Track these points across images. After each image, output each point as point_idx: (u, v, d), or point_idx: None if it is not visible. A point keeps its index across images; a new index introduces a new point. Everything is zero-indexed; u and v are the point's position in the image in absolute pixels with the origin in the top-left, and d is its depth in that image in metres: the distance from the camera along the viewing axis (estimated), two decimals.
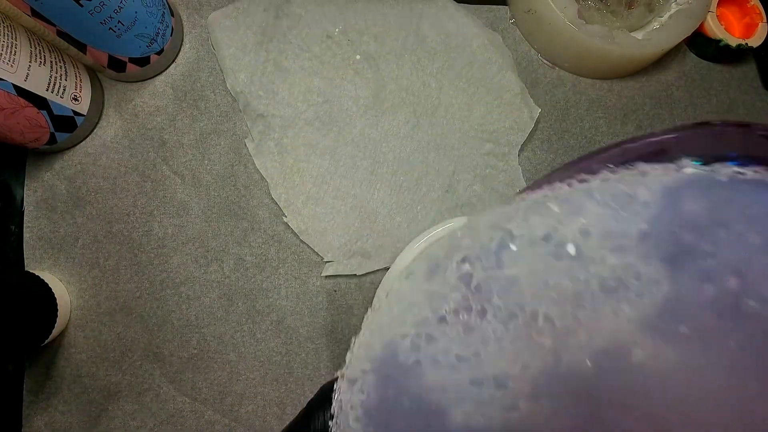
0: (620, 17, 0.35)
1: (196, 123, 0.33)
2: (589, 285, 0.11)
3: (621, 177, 0.11)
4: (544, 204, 0.12)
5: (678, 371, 0.10)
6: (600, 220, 0.11)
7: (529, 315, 0.11)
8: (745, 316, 0.10)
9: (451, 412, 0.12)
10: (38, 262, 0.31)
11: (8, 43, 0.25)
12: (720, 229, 0.10)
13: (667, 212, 0.11)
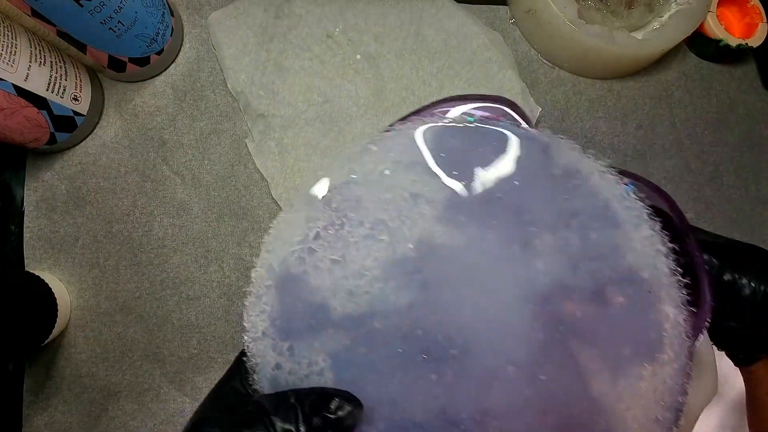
0: (620, 17, 0.35)
1: (196, 123, 0.33)
2: (403, 196, 0.17)
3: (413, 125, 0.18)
4: (368, 147, 0.18)
5: (466, 245, 0.17)
6: (402, 153, 0.17)
7: (372, 221, 0.17)
8: (497, 203, 0.17)
9: (330, 305, 0.16)
10: (38, 262, 0.31)
11: (8, 43, 0.25)
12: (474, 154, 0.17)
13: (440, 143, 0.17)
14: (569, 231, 0.17)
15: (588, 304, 0.16)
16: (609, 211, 0.17)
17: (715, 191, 0.37)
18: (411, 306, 0.16)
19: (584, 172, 0.18)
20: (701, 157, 0.38)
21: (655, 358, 0.16)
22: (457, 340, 0.16)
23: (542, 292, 0.16)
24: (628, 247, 0.17)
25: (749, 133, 0.39)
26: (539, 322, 0.16)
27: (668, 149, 0.37)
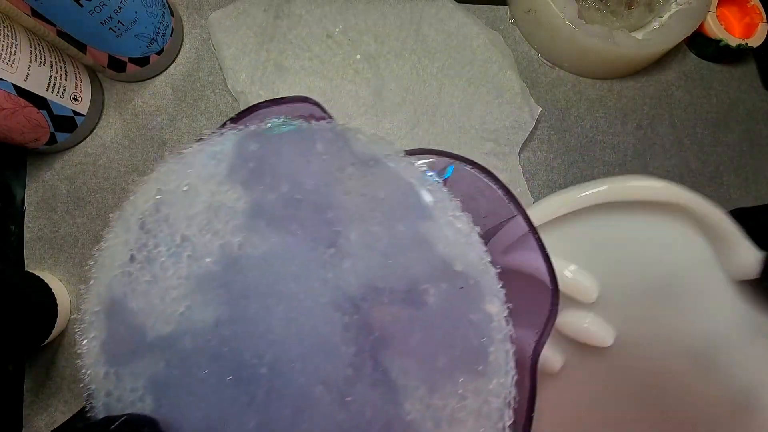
0: (620, 17, 0.35)
1: (196, 123, 0.33)
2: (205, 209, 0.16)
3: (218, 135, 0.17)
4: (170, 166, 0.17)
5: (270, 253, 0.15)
6: (202, 166, 0.17)
7: (179, 239, 0.16)
8: (299, 204, 0.16)
9: (146, 327, 0.16)
10: (38, 262, 0.31)
11: (8, 43, 0.25)
12: (271, 157, 0.16)
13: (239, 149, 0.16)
14: (375, 224, 0.15)
15: (400, 307, 0.15)
16: (411, 198, 0.16)
17: (715, 191, 0.37)
18: (217, 323, 0.15)
19: (381, 158, 0.16)
20: (701, 157, 0.38)
21: (475, 370, 0.14)
22: (266, 356, 0.15)
23: (352, 297, 0.15)
24: (438, 236, 0.15)
25: (749, 133, 0.39)
26: (350, 332, 0.14)
27: (668, 149, 0.37)
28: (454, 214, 0.16)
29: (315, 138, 0.17)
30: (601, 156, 0.36)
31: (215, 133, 0.17)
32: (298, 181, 0.16)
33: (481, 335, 0.14)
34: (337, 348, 0.14)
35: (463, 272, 0.15)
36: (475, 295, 0.15)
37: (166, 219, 0.16)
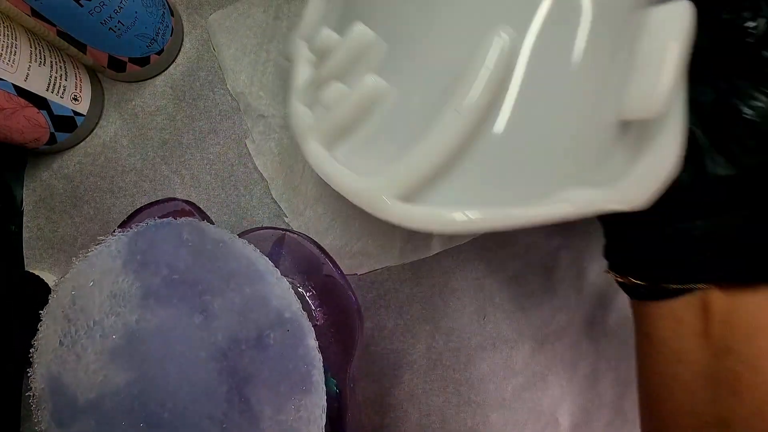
0: None
1: (195, 123, 0.33)
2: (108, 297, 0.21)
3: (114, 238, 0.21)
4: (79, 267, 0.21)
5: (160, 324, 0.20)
6: (104, 264, 0.21)
7: (92, 323, 0.20)
8: (176, 283, 0.20)
9: (77, 395, 0.20)
10: (38, 262, 0.31)
11: (8, 43, 0.25)
12: (152, 249, 0.21)
13: (129, 247, 0.21)
14: (231, 291, 0.21)
15: (253, 351, 0.20)
16: (252, 267, 0.21)
17: None
18: (127, 384, 0.20)
19: (226, 240, 0.22)
20: None
21: (303, 389, 0.20)
22: (167, 404, 0.19)
23: (221, 349, 0.20)
24: (271, 294, 0.21)
25: None
26: (222, 376, 0.19)
27: None
28: (278, 277, 0.21)
29: (181, 230, 0.22)
30: None
31: (113, 237, 0.22)
32: (174, 264, 0.21)
33: (306, 363, 0.20)
34: (215, 389, 0.19)
35: (290, 318, 0.20)
36: (300, 334, 0.20)
37: (82, 309, 0.21)
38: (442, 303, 0.33)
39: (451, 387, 0.32)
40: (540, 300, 0.33)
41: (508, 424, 0.32)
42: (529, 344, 0.33)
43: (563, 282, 0.34)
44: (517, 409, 0.32)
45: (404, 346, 0.32)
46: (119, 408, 0.20)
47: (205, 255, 0.21)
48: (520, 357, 0.33)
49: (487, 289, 0.29)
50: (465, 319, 0.33)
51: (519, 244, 0.34)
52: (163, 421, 0.19)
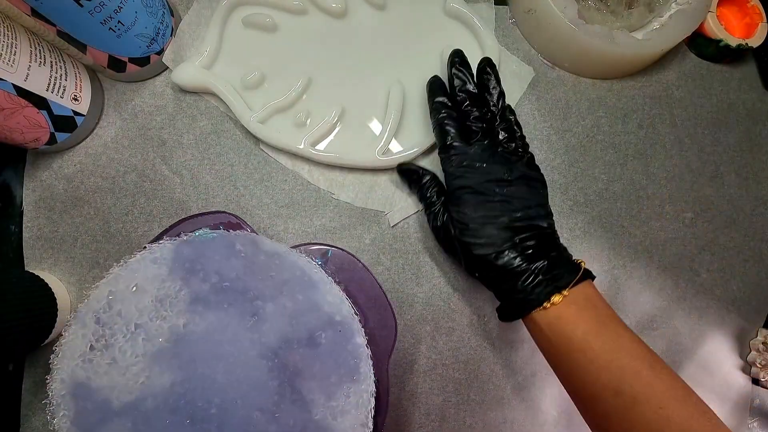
0: (620, 17, 0.35)
1: (195, 123, 0.33)
2: (152, 301, 0.22)
3: (156, 246, 0.23)
4: (118, 273, 0.23)
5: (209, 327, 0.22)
6: (147, 270, 0.23)
7: (132, 327, 0.22)
8: (226, 290, 0.23)
9: (111, 398, 0.21)
10: (38, 262, 0.31)
11: (8, 43, 0.25)
12: (201, 258, 0.23)
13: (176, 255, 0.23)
14: (283, 297, 0.23)
15: (305, 349, 0.22)
16: (306, 277, 0.23)
17: (715, 191, 0.37)
18: (173, 384, 0.21)
19: (282, 252, 0.24)
20: (701, 157, 0.37)
21: (353, 379, 0.22)
22: (215, 401, 0.21)
23: (272, 348, 0.22)
24: (324, 300, 0.23)
25: (749, 133, 0.39)
26: (273, 372, 0.22)
27: (669, 149, 0.37)
28: (331, 285, 0.24)
29: (234, 241, 0.23)
30: (602, 155, 0.36)
31: (156, 245, 0.23)
32: (224, 273, 0.23)
33: (355, 358, 0.23)
34: (266, 384, 0.21)
35: (341, 321, 0.23)
36: (348, 333, 0.23)
37: (120, 313, 0.22)
38: (443, 303, 0.33)
39: (451, 386, 0.32)
40: None
41: (507, 422, 0.32)
42: (528, 344, 0.33)
43: None
44: (515, 407, 0.32)
45: (405, 345, 0.32)
46: (162, 407, 0.21)
47: (257, 265, 0.23)
48: (520, 357, 0.33)
49: (487, 290, 0.29)
50: (465, 319, 0.33)
51: None
52: (211, 416, 0.21)
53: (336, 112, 0.33)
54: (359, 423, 0.22)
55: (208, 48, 0.32)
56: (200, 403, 0.21)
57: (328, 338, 0.22)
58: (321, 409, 0.22)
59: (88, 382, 0.21)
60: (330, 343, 0.22)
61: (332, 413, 0.22)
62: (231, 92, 0.32)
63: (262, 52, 0.33)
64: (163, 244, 0.23)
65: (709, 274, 0.36)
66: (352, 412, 0.22)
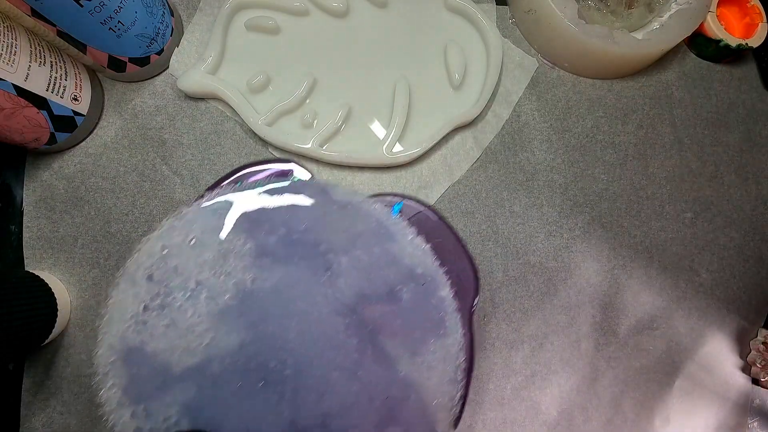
0: (620, 17, 0.35)
1: (196, 123, 0.33)
2: (214, 256, 0.20)
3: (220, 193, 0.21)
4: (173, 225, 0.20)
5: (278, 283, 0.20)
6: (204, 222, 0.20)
7: (192, 284, 0.19)
8: (296, 243, 0.20)
9: (171, 363, 0.19)
10: (38, 262, 0.31)
11: (8, 43, 0.25)
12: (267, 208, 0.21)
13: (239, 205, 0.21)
14: (357, 250, 0.21)
15: (384, 305, 0.20)
16: (382, 228, 0.21)
17: (715, 191, 0.37)
18: (242, 345, 0.19)
19: (355, 202, 0.22)
20: (701, 157, 0.38)
21: (439, 333, 0.21)
22: (288, 361, 0.19)
23: (349, 304, 0.20)
24: (403, 253, 0.21)
25: (749, 133, 0.39)
26: (351, 329, 0.20)
27: (668, 149, 0.37)
28: (413, 236, 0.22)
29: (302, 191, 0.21)
30: (602, 155, 0.36)
31: (213, 193, 0.21)
32: (292, 225, 0.21)
33: (440, 311, 0.21)
34: (344, 342, 0.20)
35: (423, 273, 0.21)
36: (432, 287, 0.21)
37: (176, 269, 0.20)
38: None
39: None
40: (540, 300, 0.33)
41: (507, 422, 0.32)
42: (528, 344, 0.33)
43: (563, 282, 0.34)
44: (515, 407, 0.32)
45: None
46: (231, 370, 0.19)
47: (329, 216, 0.21)
48: (520, 356, 0.33)
49: (487, 289, 0.29)
50: None
51: None
52: (285, 377, 0.19)
53: (342, 111, 0.33)
54: (447, 379, 0.20)
55: (212, 53, 0.32)
56: (273, 364, 0.19)
57: (409, 292, 0.21)
58: (406, 366, 0.20)
59: (142, 346, 0.19)
60: (412, 297, 0.21)
61: (418, 369, 0.20)
62: (237, 96, 0.32)
63: (266, 55, 0.33)
64: (223, 192, 0.21)
65: (709, 274, 0.36)
66: (438, 368, 0.20)
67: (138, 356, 0.19)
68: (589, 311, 0.34)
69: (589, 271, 0.34)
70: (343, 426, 0.19)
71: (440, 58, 0.34)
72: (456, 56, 0.34)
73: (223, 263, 0.20)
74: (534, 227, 0.34)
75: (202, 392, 0.19)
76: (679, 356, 0.35)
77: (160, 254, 0.20)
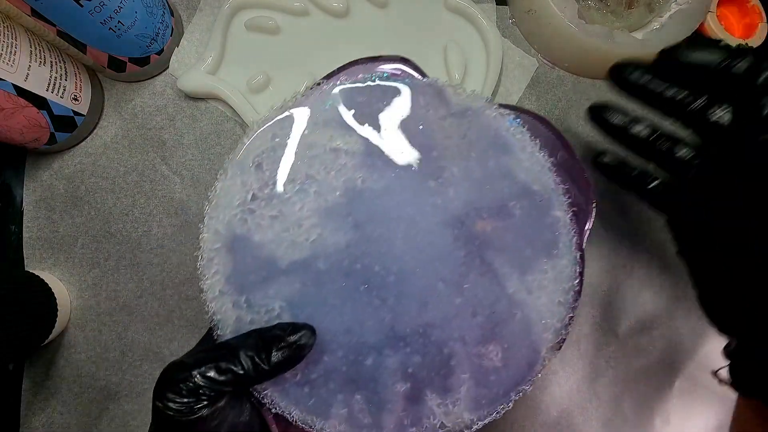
0: (620, 17, 0.35)
1: (196, 123, 0.33)
2: (325, 151, 0.19)
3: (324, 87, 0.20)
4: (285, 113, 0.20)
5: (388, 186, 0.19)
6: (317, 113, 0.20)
7: (302, 177, 0.19)
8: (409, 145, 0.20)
9: (277, 256, 0.19)
10: (38, 262, 0.31)
11: (8, 43, 0.25)
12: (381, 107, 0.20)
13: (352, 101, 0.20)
14: (471, 161, 0.20)
15: (495, 219, 0.20)
16: (500, 140, 0.20)
17: None
18: (348, 245, 0.19)
19: (474, 108, 0.21)
20: None
21: (552, 254, 0.20)
22: (392, 268, 0.19)
23: (458, 216, 0.20)
24: (519, 167, 0.20)
25: None
26: (459, 241, 0.19)
27: None
28: (533, 150, 0.20)
29: (417, 92, 0.20)
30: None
31: (325, 86, 0.20)
32: (406, 127, 0.20)
33: (554, 231, 0.20)
34: (451, 254, 0.19)
35: (539, 191, 0.20)
36: (547, 205, 0.20)
37: (286, 161, 0.19)
38: None
39: None
40: None
41: (507, 422, 0.32)
42: None
43: None
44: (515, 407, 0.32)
45: None
46: (336, 269, 0.19)
47: (443, 120, 0.20)
48: None
49: None
50: None
51: None
52: (389, 284, 0.19)
53: None
54: (556, 300, 0.20)
55: (213, 53, 0.32)
56: (377, 268, 0.19)
57: (523, 208, 0.20)
58: (514, 284, 0.19)
59: (249, 235, 0.19)
60: (525, 214, 0.20)
61: (528, 288, 0.20)
62: (237, 96, 0.32)
63: (266, 55, 0.33)
64: (337, 85, 0.20)
65: None
66: (549, 288, 0.20)
67: (244, 245, 0.19)
68: (589, 311, 0.34)
69: (589, 270, 0.34)
70: (443, 337, 0.19)
71: (440, 57, 0.34)
72: (456, 56, 0.34)
73: (334, 159, 0.19)
74: None
75: (306, 288, 0.19)
76: (679, 356, 0.35)
77: (271, 143, 0.19)
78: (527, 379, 0.20)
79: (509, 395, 0.20)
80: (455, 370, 0.19)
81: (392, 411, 0.19)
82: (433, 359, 0.19)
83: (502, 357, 0.19)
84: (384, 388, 0.19)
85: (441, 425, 0.19)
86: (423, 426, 0.19)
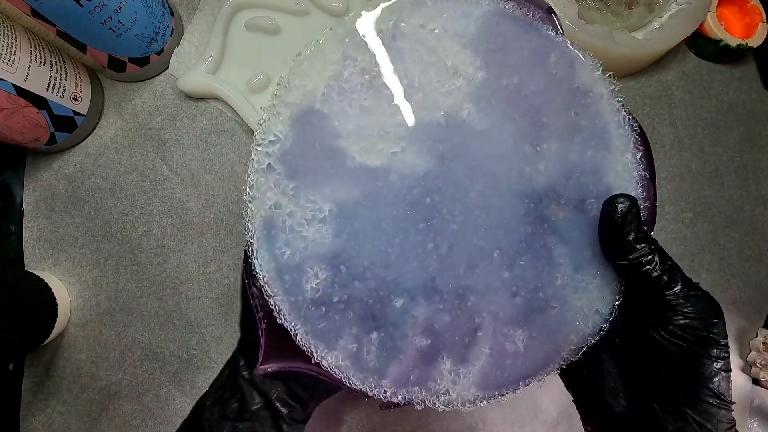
0: (620, 17, 0.35)
1: (196, 123, 0.33)
2: (444, 63, 0.17)
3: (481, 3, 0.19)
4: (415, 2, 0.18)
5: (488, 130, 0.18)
6: (454, 19, 0.17)
7: (410, 79, 0.17)
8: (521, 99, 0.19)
9: (349, 152, 0.17)
10: (38, 262, 0.31)
11: (8, 43, 0.25)
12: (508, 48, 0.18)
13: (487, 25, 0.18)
14: (572, 143, 0.19)
15: (571, 210, 0.19)
16: (606, 134, 0.19)
17: (715, 191, 0.37)
18: (426, 174, 0.17)
19: (596, 93, 0.19)
20: (701, 157, 0.37)
21: (607, 263, 0.19)
22: (459, 217, 0.18)
23: (538, 193, 0.19)
24: (612, 168, 0.19)
25: (749, 133, 0.39)
26: (529, 217, 0.18)
27: (668, 149, 0.37)
28: (630, 155, 0.19)
29: (550, 52, 0.19)
30: None
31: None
32: (525, 80, 0.18)
33: None
34: (518, 227, 0.18)
35: None
36: None
37: (401, 53, 0.17)
38: None
39: None
40: None
41: (507, 422, 0.32)
42: None
43: None
44: (515, 408, 0.32)
45: None
46: (404, 193, 0.17)
47: (565, 91, 0.19)
48: None
49: None
50: None
51: None
52: (448, 232, 0.18)
53: None
54: (595, 308, 0.19)
55: (213, 53, 0.32)
56: (444, 211, 0.18)
57: (599, 210, 0.19)
58: (566, 278, 0.19)
59: (329, 115, 0.17)
60: (598, 216, 0.19)
61: (575, 286, 0.19)
62: (237, 96, 0.32)
63: (267, 55, 0.33)
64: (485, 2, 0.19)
65: (709, 274, 0.36)
66: (593, 294, 0.19)
67: (317, 124, 0.17)
68: None
69: None
70: (479, 306, 0.18)
71: None
72: None
73: (450, 77, 0.17)
74: None
75: (363, 201, 0.17)
76: None
77: (394, 27, 0.17)
78: (539, 374, 0.19)
79: (518, 383, 0.19)
80: (478, 342, 0.18)
81: (401, 363, 0.18)
82: (462, 324, 0.18)
83: (526, 345, 0.19)
84: (403, 336, 0.18)
85: (445, 392, 0.18)
86: (427, 387, 0.18)
